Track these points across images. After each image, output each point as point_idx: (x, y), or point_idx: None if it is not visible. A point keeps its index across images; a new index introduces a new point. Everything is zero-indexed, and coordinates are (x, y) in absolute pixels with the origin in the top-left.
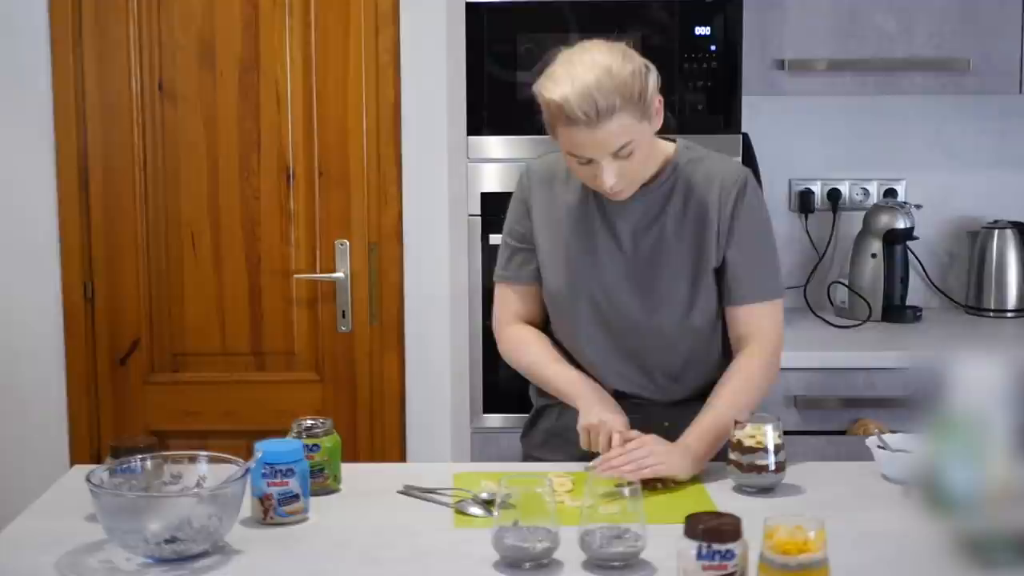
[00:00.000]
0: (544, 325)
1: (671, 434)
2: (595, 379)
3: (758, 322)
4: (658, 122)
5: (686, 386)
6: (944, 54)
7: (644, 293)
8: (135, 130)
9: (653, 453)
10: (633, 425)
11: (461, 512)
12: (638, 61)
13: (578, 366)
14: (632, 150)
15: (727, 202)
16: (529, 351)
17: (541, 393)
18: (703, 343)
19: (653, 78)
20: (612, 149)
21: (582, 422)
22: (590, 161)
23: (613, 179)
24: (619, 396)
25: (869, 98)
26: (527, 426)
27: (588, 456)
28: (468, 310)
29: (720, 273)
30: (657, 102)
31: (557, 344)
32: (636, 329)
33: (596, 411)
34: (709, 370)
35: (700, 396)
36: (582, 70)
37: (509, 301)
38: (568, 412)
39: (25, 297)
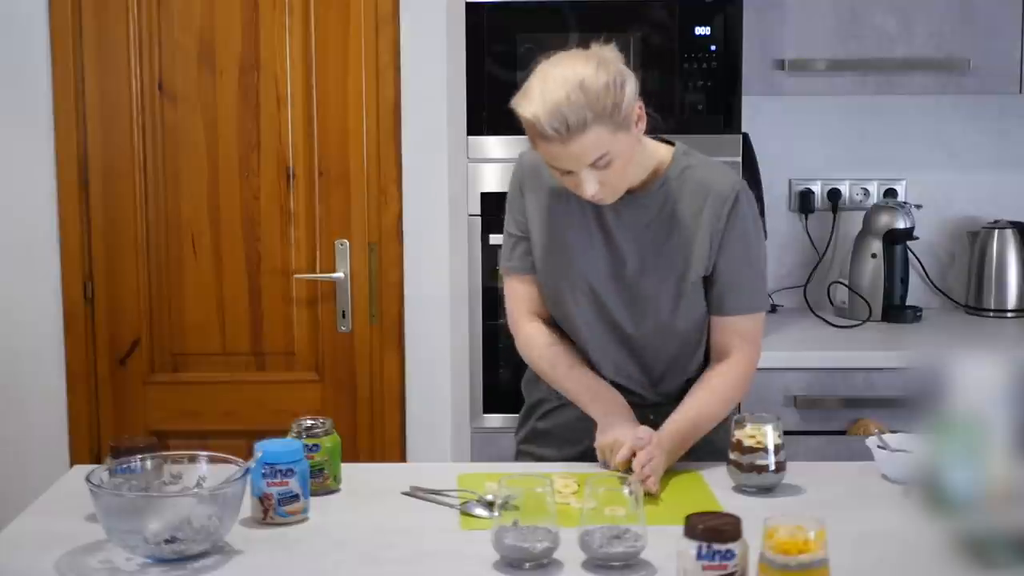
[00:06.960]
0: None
1: (655, 427)
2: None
3: (741, 333)
4: (640, 128)
5: (670, 386)
6: (944, 54)
7: (630, 295)
8: (135, 130)
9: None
10: None
11: (467, 514)
12: (613, 70)
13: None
14: (610, 160)
15: (721, 214)
16: (545, 355)
17: (530, 391)
18: (688, 347)
19: (630, 87)
20: (588, 161)
21: (598, 441)
22: (571, 171)
23: (594, 188)
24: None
25: (869, 98)
26: (519, 423)
27: (583, 454)
28: (468, 310)
29: (708, 281)
30: (637, 109)
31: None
32: (622, 329)
33: (612, 428)
34: (693, 372)
35: (681, 397)
36: (554, 86)
37: (520, 294)
38: (557, 411)
39: (25, 297)
